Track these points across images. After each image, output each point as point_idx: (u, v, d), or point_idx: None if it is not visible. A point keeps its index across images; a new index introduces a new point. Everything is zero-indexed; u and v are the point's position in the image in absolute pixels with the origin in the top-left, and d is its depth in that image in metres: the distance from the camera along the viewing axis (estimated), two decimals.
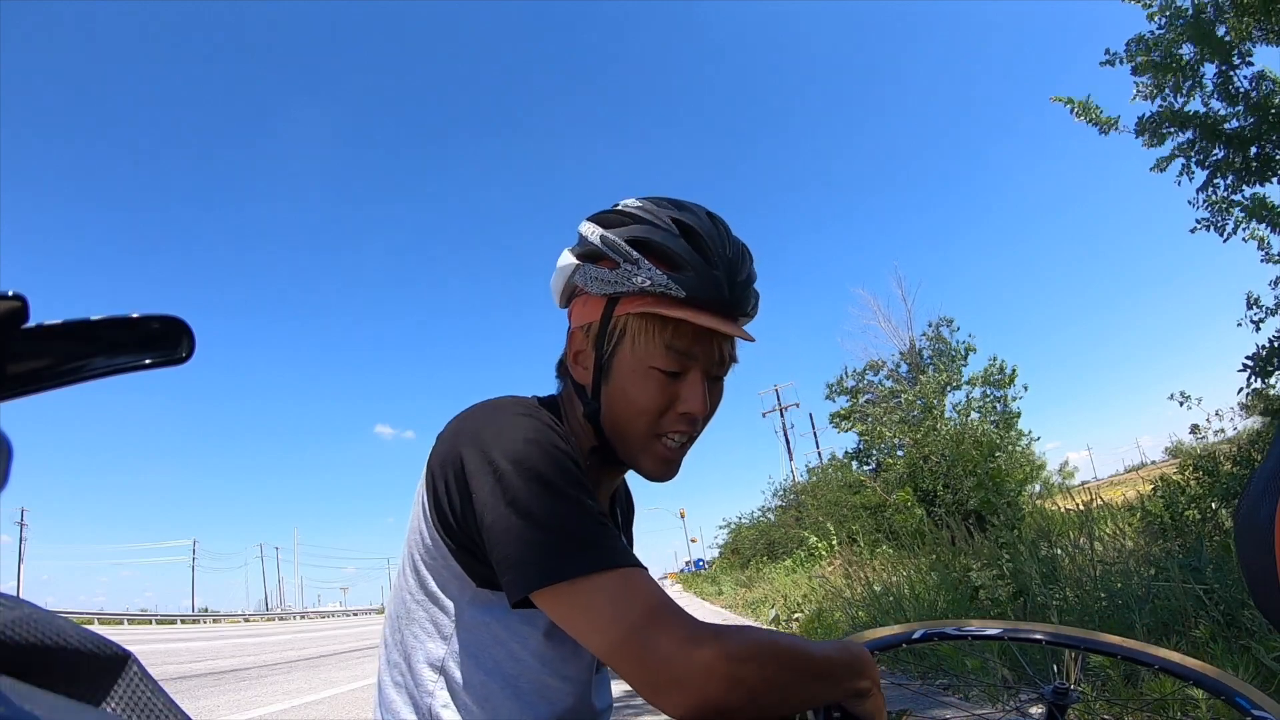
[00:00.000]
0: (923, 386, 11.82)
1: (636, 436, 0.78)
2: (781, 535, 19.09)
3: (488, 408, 0.75)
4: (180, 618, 38.44)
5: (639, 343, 0.75)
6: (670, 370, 0.76)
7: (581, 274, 0.78)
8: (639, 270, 0.74)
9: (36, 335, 0.30)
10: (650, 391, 0.76)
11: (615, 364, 0.77)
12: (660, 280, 0.73)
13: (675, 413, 0.77)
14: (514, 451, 0.68)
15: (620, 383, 0.77)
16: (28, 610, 0.32)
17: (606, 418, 0.78)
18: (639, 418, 0.77)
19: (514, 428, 0.70)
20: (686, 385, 0.77)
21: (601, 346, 0.77)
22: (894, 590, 5.38)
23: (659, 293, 0.74)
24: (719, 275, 0.75)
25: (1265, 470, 0.43)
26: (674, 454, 0.79)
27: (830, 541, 10.93)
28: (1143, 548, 3.62)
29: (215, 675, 7.32)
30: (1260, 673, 2.13)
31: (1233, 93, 4.18)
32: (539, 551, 0.64)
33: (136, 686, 0.35)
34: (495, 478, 0.67)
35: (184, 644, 13.40)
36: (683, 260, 0.74)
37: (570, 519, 0.65)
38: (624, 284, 0.75)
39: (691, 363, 0.77)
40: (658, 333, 0.75)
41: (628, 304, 0.76)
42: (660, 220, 0.76)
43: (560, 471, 0.67)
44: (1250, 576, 0.43)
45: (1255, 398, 4.53)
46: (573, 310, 0.82)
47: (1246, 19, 3.92)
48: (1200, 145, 4.34)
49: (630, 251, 0.74)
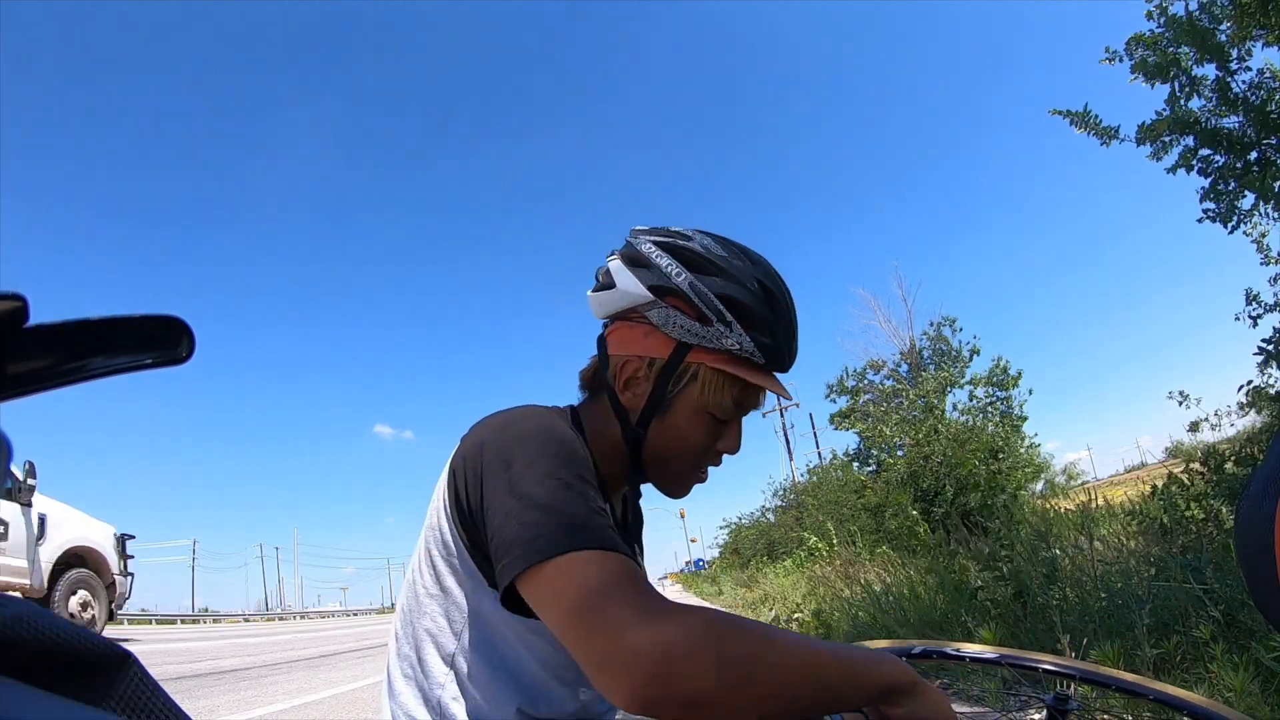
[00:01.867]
0: (923, 386, 11.81)
1: (680, 469, 0.84)
2: (781, 535, 19.09)
3: (514, 411, 0.78)
4: (180, 618, 38.38)
5: (709, 392, 0.79)
6: (725, 419, 0.82)
7: (660, 314, 0.79)
8: (730, 334, 0.77)
9: (36, 335, 0.30)
10: (704, 434, 0.81)
11: (677, 404, 0.80)
12: (748, 346, 0.77)
13: (715, 452, 0.84)
14: (530, 449, 0.69)
15: (677, 421, 0.81)
16: (27, 609, 0.32)
17: (652, 448, 0.82)
18: (688, 455, 0.82)
19: (536, 430, 0.72)
20: (731, 430, 0.83)
21: (665, 385, 0.80)
22: (893, 591, 5.38)
23: (742, 356, 0.78)
24: (784, 344, 0.80)
25: (1265, 470, 0.43)
26: (700, 483, 0.87)
27: (830, 541, 10.93)
28: (1143, 548, 3.62)
29: (215, 675, 7.32)
30: (1260, 673, 2.13)
31: (1231, 98, 4.17)
32: (524, 535, 0.62)
33: (136, 686, 0.35)
34: (507, 473, 0.68)
35: (184, 644, 13.39)
36: (765, 328, 0.78)
37: (564, 506, 0.64)
38: (710, 340, 0.78)
39: (742, 412, 0.83)
40: (728, 388, 0.80)
41: (705, 355, 0.79)
42: (749, 282, 0.79)
43: (572, 467, 0.68)
44: (1250, 576, 0.43)
45: (1256, 395, 4.53)
46: (624, 332, 0.83)
47: (1245, 20, 3.91)
48: (1201, 153, 4.32)
49: (725, 312, 0.77)
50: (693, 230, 0.83)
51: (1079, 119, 4.49)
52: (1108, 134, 4.49)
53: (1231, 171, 4.25)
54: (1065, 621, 3.02)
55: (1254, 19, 3.87)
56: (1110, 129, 4.48)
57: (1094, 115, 4.47)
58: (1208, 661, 2.32)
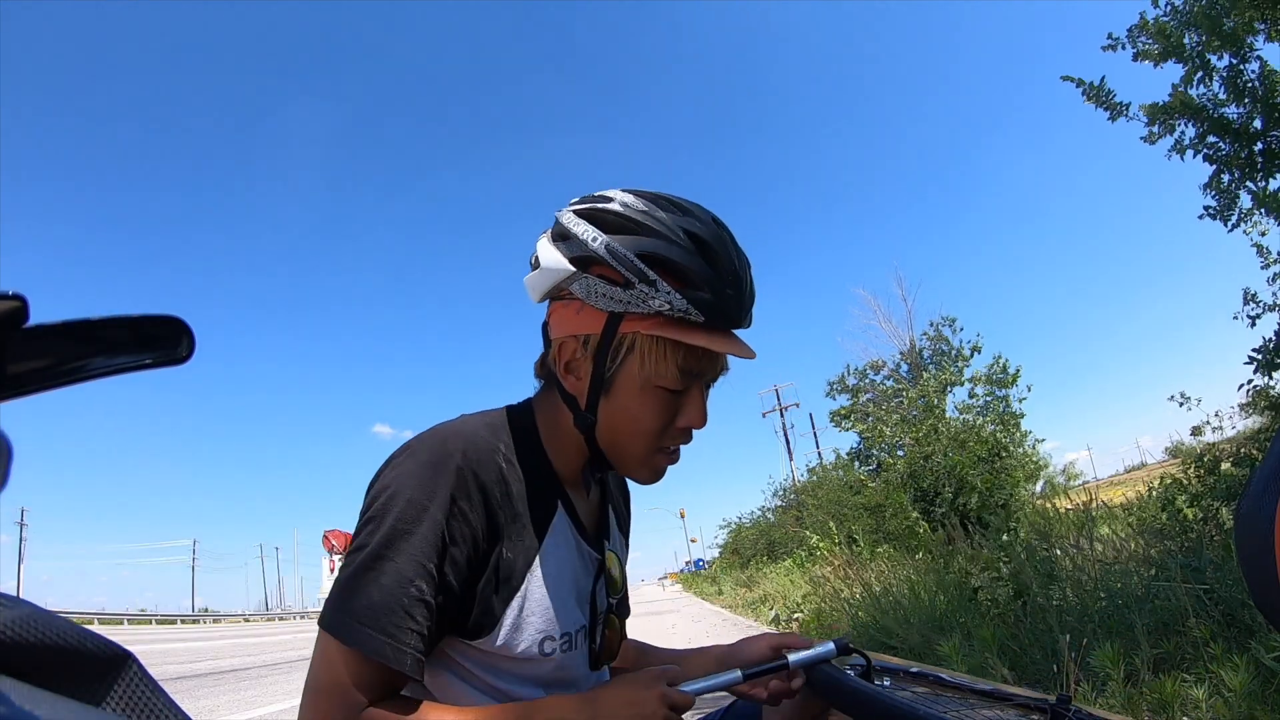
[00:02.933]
0: (923, 385, 11.82)
1: (637, 452, 0.77)
2: (782, 535, 19.09)
3: (427, 447, 0.74)
4: (180, 618, 38.44)
5: (649, 363, 0.73)
6: (677, 389, 0.75)
7: (583, 285, 0.73)
8: (656, 293, 0.70)
9: (36, 335, 0.30)
10: (656, 410, 0.75)
11: (618, 380, 0.74)
12: (680, 305, 0.70)
13: (676, 428, 0.77)
14: (397, 507, 0.70)
15: (622, 400, 0.74)
16: (27, 610, 0.32)
17: (604, 432, 0.77)
18: (642, 436, 0.76)
19: (420, 482, 0.71)
20: (689, 401, 0.76)
21: (603, 362, 0.74)
22: (894, 591, 5.38)
23: (676, 317, 0.71)
24: (731, 294, 0.72)
25: (1265, 470, 0.43)
26: (669, 464, 0.80)
27: (831, 541, 10.93)
28: (1142, 548, 3.62)
29: (215, 675, 7.32)
30: (1260, 673, 2.13)
31: (1240, 86, 4.15)
32: (336, 592, 0.70)
33: (136, 686, 0.35)
34: (365, 513, 0.72)
35: (184, 644, 13.40)
36: (699, 280, 0.71)
37: (366, 586, 0.68)
38: (637, 304, 0.71)
39: (697, 380, 0.76)
40: (670, 355, 0.73)
41: (637, 322, 0.72)
42: (673, 234, 0.71)
43: (410, 545, 0.69)
44: (1250, 576, 0.43)
45: (1256, 395, 4.52)
46: (559, 313, 0.77)
47: (1250, 13, 3.90)
48: (1206, 140, 4.31)
49: (646, 271, 0.70)
50: (617, 190, 0.76)
51: (1091, 91, 4.44)
52: (1117, 108, 4.45)
53: (1235, 160, 4.24)
54: (1065, 622, 3.02)
55: (1257, 11, 3.86)
56: (1120, 104, 4.44)
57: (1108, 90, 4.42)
58: (1207, 661, 2.32)
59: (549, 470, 0.80)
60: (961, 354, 13.12)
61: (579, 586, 0.82)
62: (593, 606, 0.84)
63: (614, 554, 0.90)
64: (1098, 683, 2.48)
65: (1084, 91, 4.46)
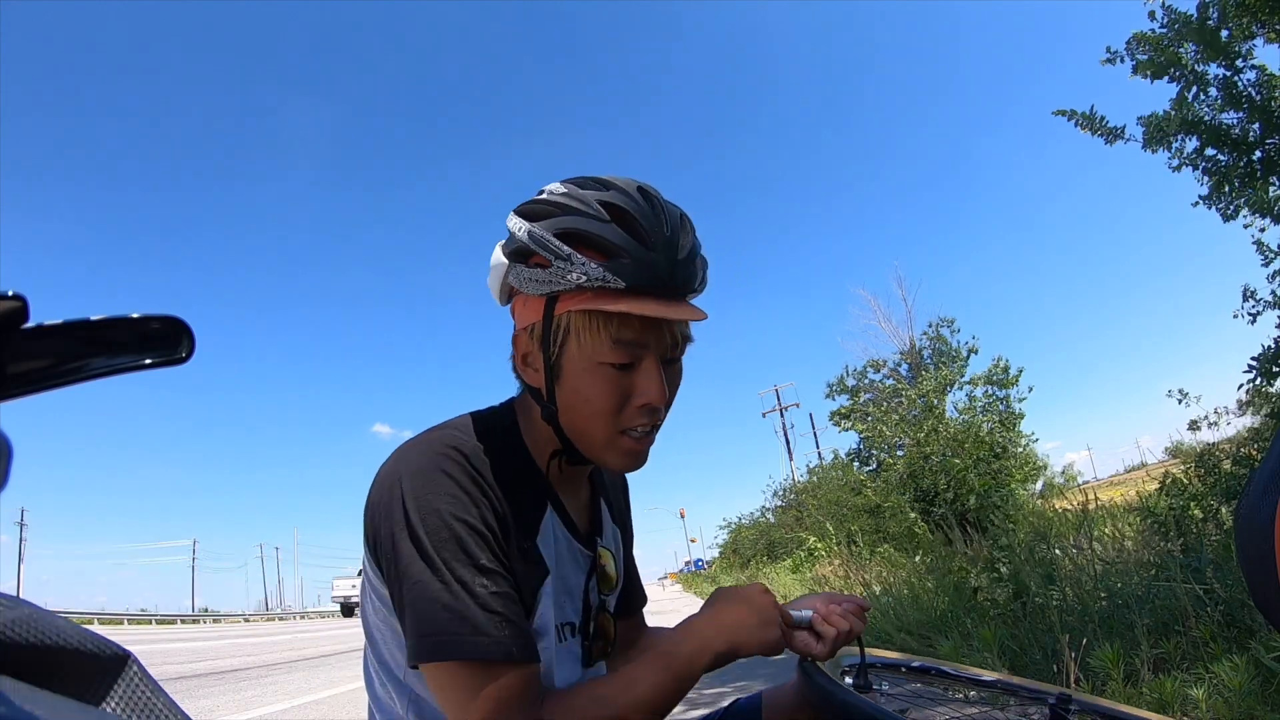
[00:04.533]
0: (923, 385, 11.81)
1: (598, 435, 0.76)
2: (781, 536, 19.09)
3: (415, 451, 0.74)
4: (180, 618, 38.41)
5: (584, 340, 0.72)
6: (621, 364, 0.73)
7: (515, 274, 0.75)
8: (572, 266, 0.70)
9: (36, 335, 0.30)
10: (604, 388, 0.73)
11: (564, 364, 0.74)
12: (596, 274, 0.70)
13: (634, 406, 0.75)
14: (422, 521, 0.69)
15: (572, 383, 0.74)
16: (27, 610, 0.32)
17: (564, 418, 0.77)
18: (597, 418, 0.75)
19: (429, 488, 0.70)
20: (641, 376, 0.74)
21: (548, 347, 0.75)
22: (893, 591, 5.38)
23: (596, 287, 0.70)
24: (657, 257, 0.71)
25: (1265, 470, 0.43)
26: (639, 446, 0.78)
27: (830, 542, 10.94)
28: (1142, 547, 3.62)
29: (215, 675, 7.32)
30: (1260, 673, 2.13)
31: (1236, 95, 4.16)
32: (420, 627, 0.68)
33: (136, 686, 0.35)
34: (400, 541, 0.70)
35: (184, 644, 13.39)
36: (616, 247, 0.70)
37: (451, 604, 0.67)
38: (559, 282, 0.71)
39: (643, 352, 0.74)
40: (602, 328, 0.72)
41: (567, 301, 0.72)
42: (587, 206, 0.72)
43: (458, 548, 0.68)
44: (1250, 576, 0.43)
45: (1256, 395, 4.52)
46: (514, 310, 0.79)
47: (1247, 19, 3.91)
48: (1205, 152, 4.31)
49: (560, 246, 0.70)
50: (556, 182, 0.77)
51: (1084, 120, 4.46)
52: (1113, 134, 4.47)
53: (1235, 171, 4.24)
54: (1064, 622, 3.02)
55: (1255, 17, 3.87)
56: (1116, 129, 4.45)
57: (1100, 116, 4.44)
58: (1207, 661, 2.32)
59: (534, 470, 0.80)
60: (959, 355, 13.11)
61: (570, 585, 0.82)
62: (585, 604, 0.84)
63: (608, 551, 0.90)
64: (1098, 682, 2.48)
65: (1076, 123, 4.48)
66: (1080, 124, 4.47)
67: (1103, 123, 4.45)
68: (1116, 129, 4.45)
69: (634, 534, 1.02)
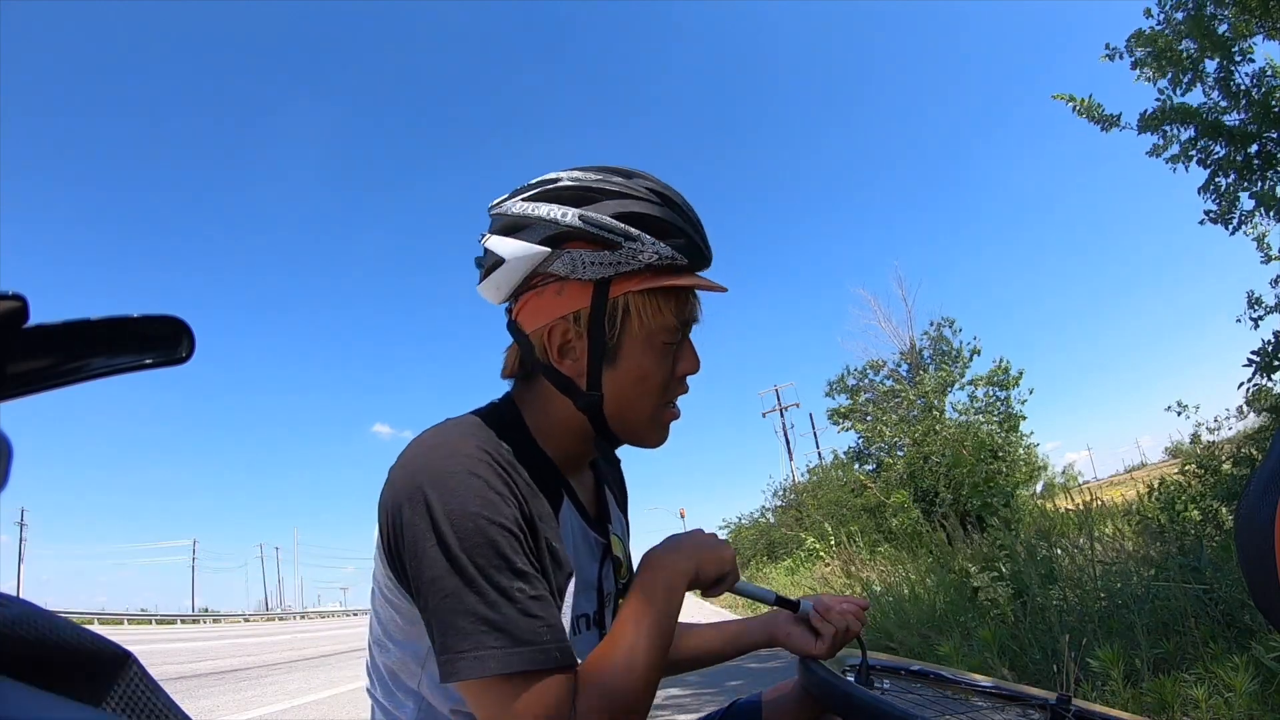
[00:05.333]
0: (923, 386, 11.81)
1: (646, 412, 0.79)
2: (781, 535, 19.10)
3: (436, 453, 0.70)
4: (180, 618, 38.42)
5: (647, 318, 0.74)
6: (676, 340, 0.78)
7: (566, 262, 0.73)
8: (643, 247, 0.72)
9: (36, 335, 0.30)
10: (662, 365, 0.77)
11: (624, 345, 0.75)
12: (666, 253, 0.73)
13: (676, 378, 0.80)
14: (452, 526, 0.66)
15: (631, 363, 0.75)
16: (27, 610, 0.32)
17: (613, 404, 0.77)
18: (651, 394, 0.78)
19: (457, 491, 0.67)
20: (685, 349, 0.80)
21: (602, 331, 0.74)
22: (893, 591, 5.38)
23: (665, 265, 0.74)
24: (701, 236, 0.77)
25: (1265, 470, 0.43)
26: (675, 415, 0.82)
27: (830, 542, 10.94)
28: (1142, 548, 3.62)
29: (215, 675, 7.32)
30: (1260, 673, 2.13)
31: (1234, 90, 4.17)
32: (455, 642, 0.65)
33: (136, 686, 0.35)
34: (430, 550, 0.66)
35: (184, 644, 13.40)
36: (675, 228, 0.74)
37: (489, 615, 0.65)
38: (627, 263, 0.73)
39: (691, 325, 0.80)
40: (665, 305, 0.75)
41: (625, 283, 0.73)
42: (637, 191, 0.74)
43: (494, 553, 0.66)
44: (1250, 576, 0.43)
45: (1256, 395, 4.52)
46: (533, 303, 0.76)
47: (1247, 16, 3.91)
48: (1201, 144, 4.33)
49: (628, 229, 0.72)
50: (556, 172, 0.78)
51: (1081, 106, 4.49)
52: (1110, 121, 4.49)
53: (1231, 164, 4.26)
54: (1065, 622, 3.01)
55: (1254, 13, 3.87)
56: (1111, 116, 4.49)
57: (1096, 103, 4.47)
58: (1207, 661, 2.32)
59: (547, 462, 0.79)
60: (960, 355, 13.10)
61: (585, 573, 0.82)
62: (599, 591, 0.85)
63: (617, 537, 0.91)
64: (1098, 683, 2.48)
65: (1075, 108, 4.51)
66: (1077, 109, 4.51)
67: (1098, 109, 4.49)
68: (1112, 115, 4.49)
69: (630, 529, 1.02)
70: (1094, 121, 4.52)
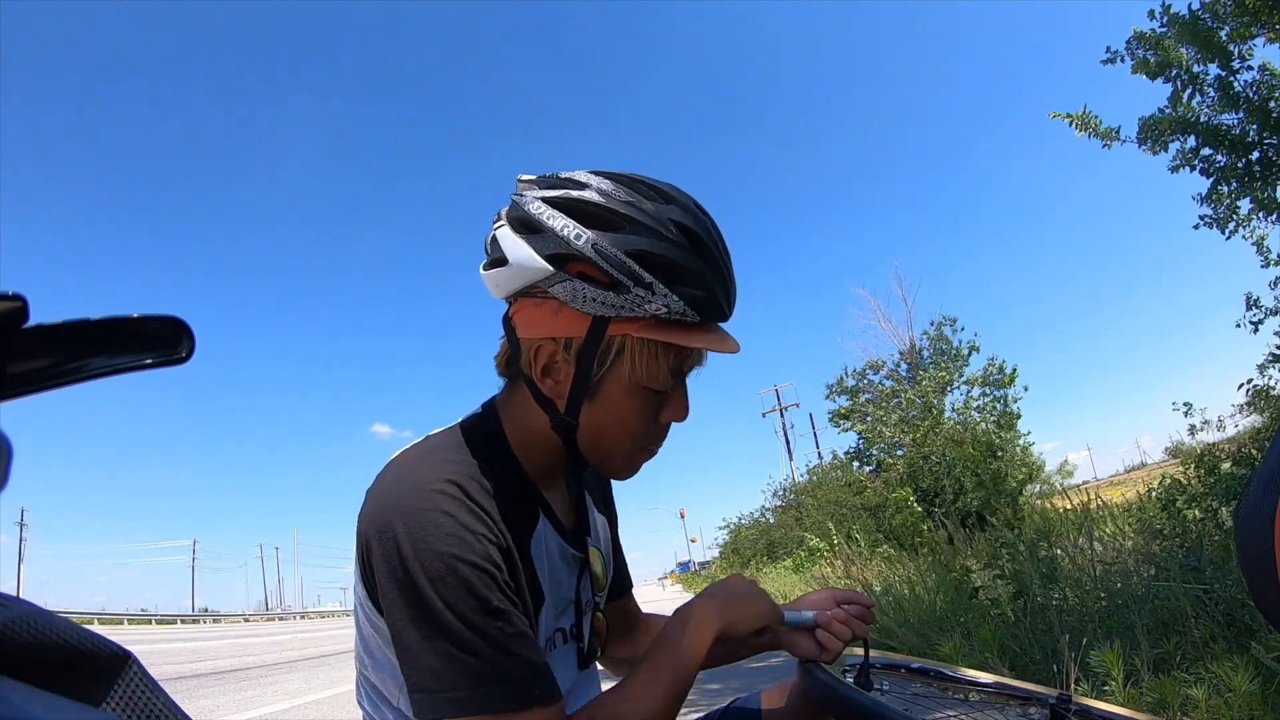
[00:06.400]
0: (922, 385, 11.80)
1: (622, 453, 0.76)
2: (781, 536, 19.08)
3: (407, 485, 0.68)
4: (180, 618, 38.43)
5: (638, 366, 0.70)
6: (666, 389, 0.73)
7: (566, 289, 0.67)
8: (653, 296, 0.66)
9: (36, 335, 0.30)
10: (644, 411, 0.73)
11: (607, 385, 0.71)
12: (678, 308, 0.67)
13: (659, 425, 0.76)
14: (423, 566, 0.64)
15: (611, 405, 0.72)
16: (27, 609, 0.32)
17: (587, 435, 0.74)
18: (628, 440, 0.74)
19: (428, 530, 0.64)
20: (674, 397, 0.75)
21: (589, 366, 0.70)
22: (894, 590, 5.38)
23: (673, 320, 0.68)
24: (722, 290, 0.70)
25: (1265, 470, 0.43)
26: (649, 458, 0.79)
27: (830, 541, 10.94)
28: (1142, 547, 3.62)
29: (215, 675, 7.32)
30: (1260, 673, 2.13)
31: (1234, 96, 4.16)
32: (426, 681, 0.64)
33: (136, 686, 0.35)
34: (401, 590, 0.65)
35: (184, 644, 13.40)
36: (694, 277, 0.67)
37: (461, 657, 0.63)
38: (632, 310, 0.67)
39: (683, 377, 0.75)
40: (662, 357, 0.70)
41: (628, 325, 0.68)
42: (663, 227, 0.67)
43: (466, 592, 0.64)
44: (1250, 576, 0.43)
45: (1256, 396, 4.53)
46: (529, 312, 0.72)
47: (1247, 19, 3.91)
48: (1202, 153, 4.31)
49: (641, 274, 0.65)
50: (588, 174, 0.71)
51: (1080, 121, 4.46)
52: (1108, 135, 4.46)
53: (1233, 171, 4.25)
54: (1065, 621, 3.01)
55: (1255, 17, 3.87)
56: (1111, 130, 4.45)
57: (1094, 117, 4.44)
58: (1208, 661, 2.32)
59: (523, 477, 0.77)
60: (960, 354, 13.08)
61: (563, 589, 0.81)
62: (578, 605, 0.83)
63: (596, 550, 0.89)
64: (1098, 682, 2.48)
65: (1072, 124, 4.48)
66: (1076, 126, 4.47)
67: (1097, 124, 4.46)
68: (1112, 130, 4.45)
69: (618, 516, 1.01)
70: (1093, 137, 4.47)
